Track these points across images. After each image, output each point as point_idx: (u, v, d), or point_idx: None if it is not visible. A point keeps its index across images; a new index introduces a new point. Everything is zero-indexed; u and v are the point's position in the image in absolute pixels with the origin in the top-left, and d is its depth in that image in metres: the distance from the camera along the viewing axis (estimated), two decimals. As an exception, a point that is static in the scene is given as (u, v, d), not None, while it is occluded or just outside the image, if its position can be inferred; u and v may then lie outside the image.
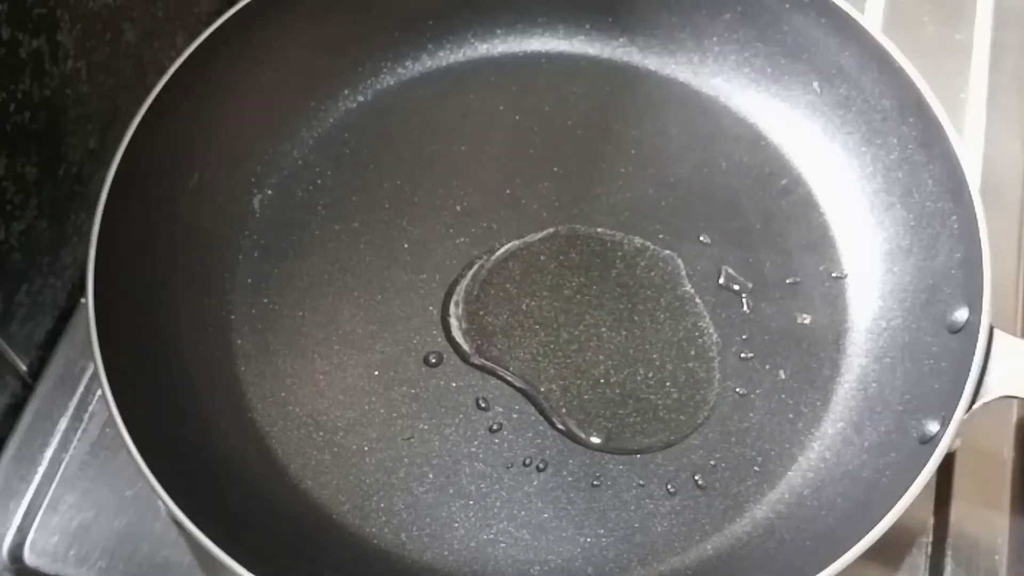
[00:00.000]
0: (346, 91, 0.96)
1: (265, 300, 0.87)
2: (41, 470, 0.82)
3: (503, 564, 0.77)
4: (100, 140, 0.87)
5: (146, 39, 0.90)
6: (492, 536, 0.78)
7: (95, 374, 0.84)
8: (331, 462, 0.80)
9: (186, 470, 0.74)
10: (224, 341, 0.85)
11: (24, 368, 0.85)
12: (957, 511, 0.79)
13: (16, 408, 0.84)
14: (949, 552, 0.78)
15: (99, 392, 0.84)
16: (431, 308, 0.87)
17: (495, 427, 0.82)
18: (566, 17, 0.98)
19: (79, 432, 0.83)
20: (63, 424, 0.83)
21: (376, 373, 0.84)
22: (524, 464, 0.80)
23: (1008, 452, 0.82)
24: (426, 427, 0.82)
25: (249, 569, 0.67)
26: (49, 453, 0.82)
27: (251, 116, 0.91)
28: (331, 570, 0.76)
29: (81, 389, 0.85)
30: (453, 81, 0.97)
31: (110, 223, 0.78)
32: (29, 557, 0.79)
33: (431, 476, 0.80)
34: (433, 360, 0.84)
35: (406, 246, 0.89)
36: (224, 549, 0.67)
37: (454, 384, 0.83)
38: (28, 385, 0.85)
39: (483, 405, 0.82)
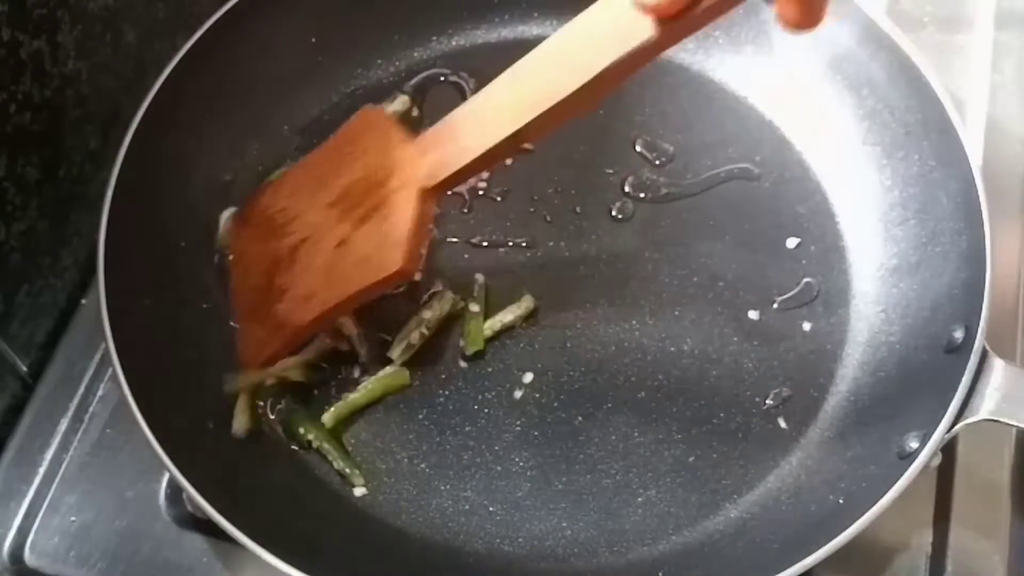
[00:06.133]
0: (342, 84, 0.97)
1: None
2: (42, 471, 0.82)
3: (474, 536, 0.78)
4: (101, 141, 0.87)
5: (146, 40, 0.90)
6: (467, 508, 0.79)
7: (96, 375, 0.85)
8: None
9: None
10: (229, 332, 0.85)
11: (25, 369, 0.85)
12: (957, 522, 0.80)
13: (17, 409, 0.84)
14: (949, 567, 0.78)
15: (100, 393, 0.85)
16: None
17: (483, 403, 0.83)
18: None
19: (79, 433, 0.83)
20: (63, 425, 0.83)
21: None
22: (507, 441, 0.81)
23: (1008, 465, 0.82)
24: (416, 395, 0.83)
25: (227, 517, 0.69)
26: (49, 454, 0.82)
27: (252, 108, 0.92)
28: (308, 526, 0.77)
29: (82, 390, 0.85)
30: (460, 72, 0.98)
31: (115, 223, 0.78)
32: (30, 558, 0.79)
33: (414, 442, 0.81)
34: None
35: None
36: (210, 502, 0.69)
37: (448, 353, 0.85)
38: (29, 386, 0.85)
39: (477, 381, 0.84)
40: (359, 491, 0.79)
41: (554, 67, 0.68)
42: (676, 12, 0.61)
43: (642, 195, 0.92)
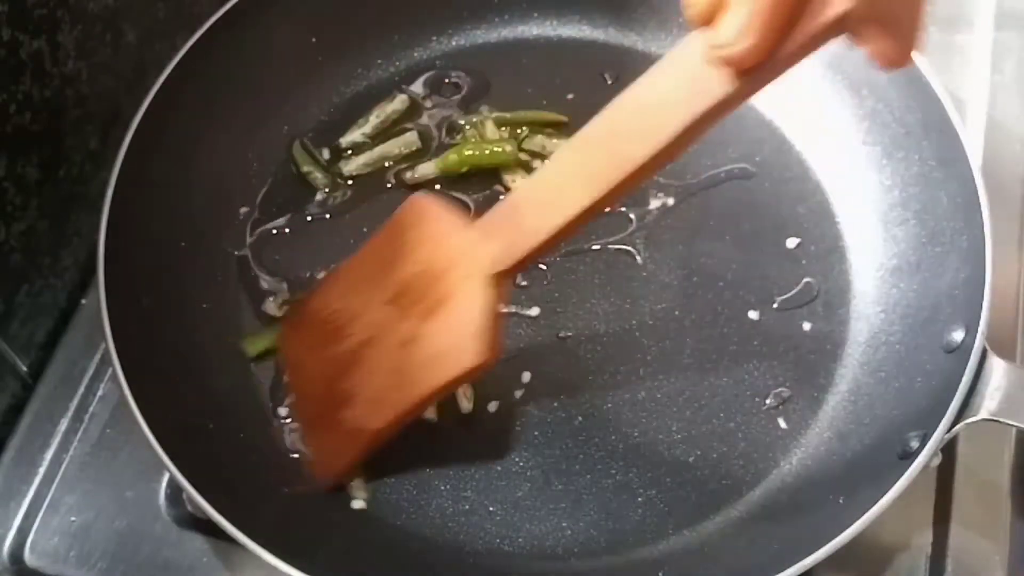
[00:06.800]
0: (342, 84, 0.97)
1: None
2: (42, 471, 0.82)
3: (474, 535, 0.78)
4: (101, 141, 0.87)
5: (146, 40, 0.90)
6: (467, 508, 0.79)
7: (96, 375, 0.85)
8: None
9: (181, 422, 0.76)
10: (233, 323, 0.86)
11: (25, 369, 0.85)
12: (957, 522, 0.80)
13: (17, 409, 0.84)
14: (949, 566, 0.78)
15: (100, 393, 0.85)
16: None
17: (483, 403, 0.83)
18: (600, 5, 0.99)
19: (79, 433, 0.83)
20: (63, 425, 0.83)
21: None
22: (506, 442, 0.81)
23: (1008, 465, 0.82)
24: None
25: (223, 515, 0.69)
26: (49, 454, 0.82)
27: (253, 108, 0.92)
28: (304, 524, 0.77)
29: (81, 390, 0.85)
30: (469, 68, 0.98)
31: (115, 223, 0.79)
32: (30, 558, 0.79)
33: (413, 442, 0.81)
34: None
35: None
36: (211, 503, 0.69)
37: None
38: (29, 386, 0.85)
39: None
40: (359, 499, 0.79)
41: (623, 135, 0.63)
42: (756, 63, 0.55)
43: (642, 195, 0.92)
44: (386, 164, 0.93)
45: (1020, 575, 0.78)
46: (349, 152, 0.94)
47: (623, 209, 0.90)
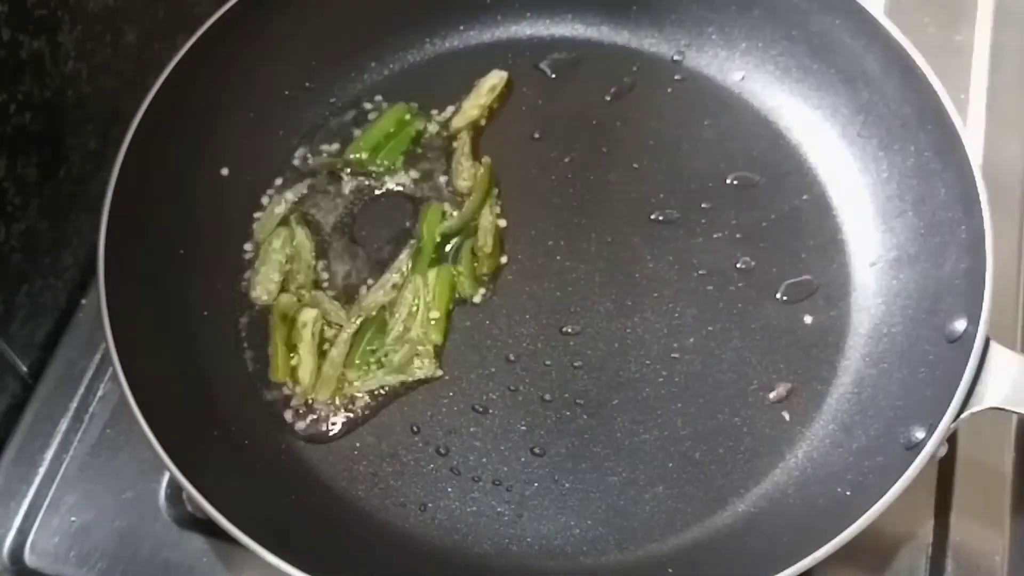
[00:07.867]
0: (338, 85, 0.97)
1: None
2: (42, 471, 0.82)
3: (482, 536, 0.78)
4: (100, 141, 0.87)
5: (146, 40, 0.90)
6: (475, 509, 0.79)
7: (96, 375, 0.85)
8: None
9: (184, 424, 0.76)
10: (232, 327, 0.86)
11: (25, 369, 0.85)
12: (957, 515, 0.80)
13: (17, 409, 0.84)
14: (949, 557, 0.78)
15: (100, 393, 0.85)
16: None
17: (488, 403, 0.83)
18: (593, 4, 0.99)
19: (79, 433, 0.83)
20: (64, 425, 0.83)
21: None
22: (513, 441, 0.81)
23: (1009, 456, 0.82)
24: (420, 397, 0.83)
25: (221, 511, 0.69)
26: (50, 454, 0.82)
27: (251, 108, 0.92)
28: (311, 527, 0.77)
29: (82, 390, 0.85)
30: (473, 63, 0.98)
31: (115, 223, 0.78)
32: (30, 558, 0.79)
33: (420, 445, 0.81)
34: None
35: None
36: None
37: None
38: (29, 386, 0.85)
39: (481, 383, 0.84)
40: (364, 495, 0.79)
41: None
42: None
43: (641, 194, 0.92)
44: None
45: (1021, 566, 0.77)
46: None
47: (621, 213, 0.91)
